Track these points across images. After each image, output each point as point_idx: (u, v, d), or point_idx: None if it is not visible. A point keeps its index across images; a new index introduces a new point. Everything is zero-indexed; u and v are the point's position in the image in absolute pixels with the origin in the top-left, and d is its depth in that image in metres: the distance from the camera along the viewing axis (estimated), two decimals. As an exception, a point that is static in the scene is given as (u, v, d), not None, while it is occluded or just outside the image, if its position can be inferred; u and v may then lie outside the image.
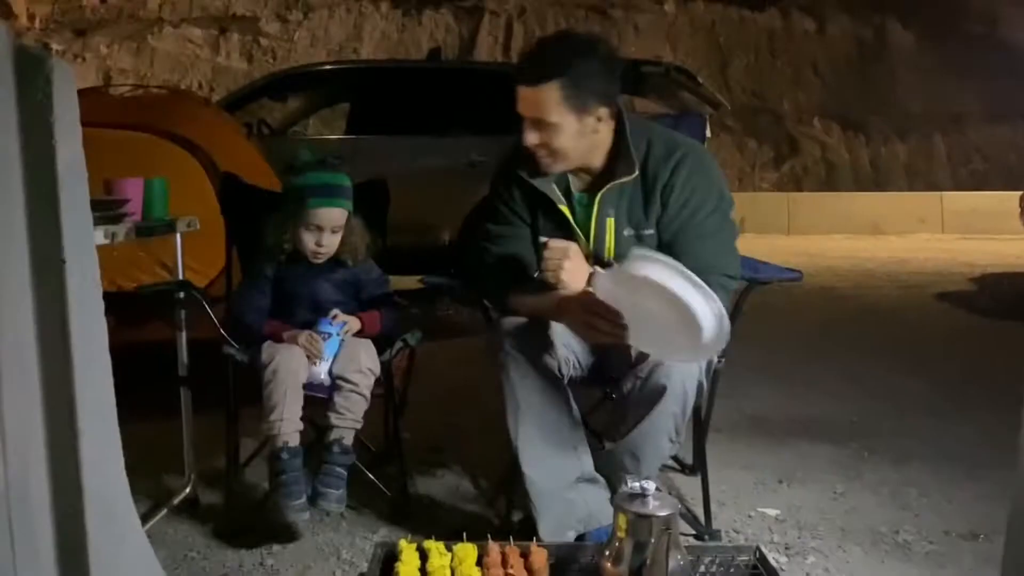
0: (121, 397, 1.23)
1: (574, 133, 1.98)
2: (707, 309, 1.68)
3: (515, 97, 1.99)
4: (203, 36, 16.25)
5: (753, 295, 2.24)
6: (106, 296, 1.21)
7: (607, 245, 2.04)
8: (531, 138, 1.98)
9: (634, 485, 1.57)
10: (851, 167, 15.98)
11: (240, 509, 2.31)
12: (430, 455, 2.79)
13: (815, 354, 4.55)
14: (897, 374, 4.02)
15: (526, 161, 2.06)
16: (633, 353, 2.00)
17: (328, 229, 2.30)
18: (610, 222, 2.04)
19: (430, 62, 6.63)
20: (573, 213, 2.07)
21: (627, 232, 2.04)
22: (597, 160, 2.05)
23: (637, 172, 2.01)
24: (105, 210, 1.88)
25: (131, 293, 2.71)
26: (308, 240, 2.30)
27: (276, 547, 2.14)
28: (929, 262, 9.11)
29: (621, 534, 1.54)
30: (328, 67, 6.96)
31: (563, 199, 2.07)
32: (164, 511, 2.33)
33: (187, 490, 2.44)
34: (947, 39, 15.89)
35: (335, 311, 2.26)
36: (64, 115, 1.06)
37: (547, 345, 1.98)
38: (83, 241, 1.10)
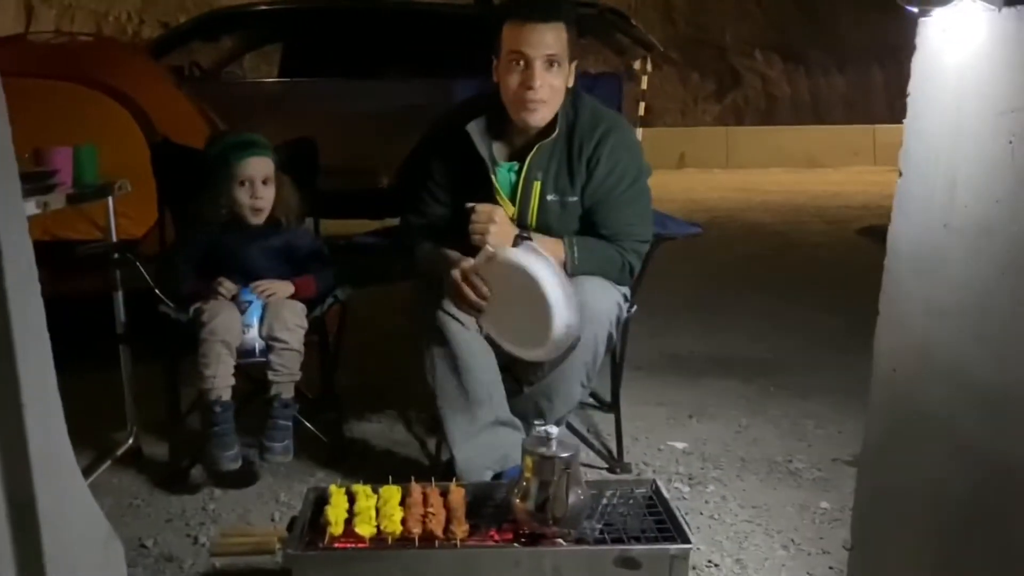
0: (61, 348, 1.26)
1: (567, 79, 2.07)
2: (564, 315, 1.85)
3: (497, 38, 2.03)
4: (132, -38, 15.50)
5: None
6: (42, 247, 1.25)
7: (531, 208, 2.16)
8: (539, 79, 2.00)
9: (540, 430, 1.75)
10: (791, 100, 16.16)
11: (181, 458, 2.41)
12: (366, 401, 2.92)
13: (737, 292, 4.73)
14: (812, 311, 4.22)
15: (485, 115, 2.11)
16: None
17: (259, 180, 2.38)
18: (536, 185, 2.14)
19: (368, 1, 6.53)
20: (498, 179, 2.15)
21: (551, 197, 2.15)
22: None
23: (557, 132, 2.11)
24: (36, 182, 1.94)
25: (67, 243, 2.76)
26: (244, 197, 2.37)
27: (218, 492, 2.28)
28: (858, 195, 9.38)
29: (528, 474, 1.71)
30: (262, 7, 6.85)
31: (492, 168, 2.15)
32: (108, 462, 2.44)
33: (130, 441, 2.54)
34: (886, -30, 16.00)
35: (256, 283, 2.32)
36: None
37: None
38: (17, 226, 1.20)
